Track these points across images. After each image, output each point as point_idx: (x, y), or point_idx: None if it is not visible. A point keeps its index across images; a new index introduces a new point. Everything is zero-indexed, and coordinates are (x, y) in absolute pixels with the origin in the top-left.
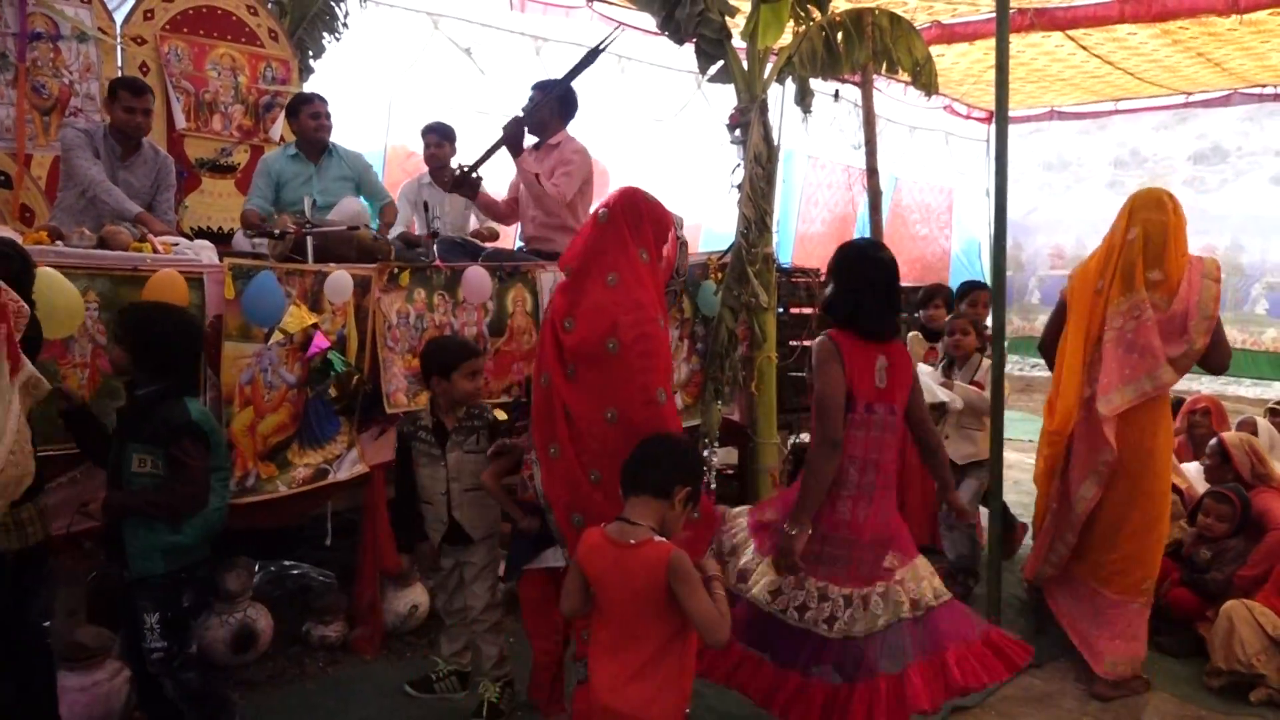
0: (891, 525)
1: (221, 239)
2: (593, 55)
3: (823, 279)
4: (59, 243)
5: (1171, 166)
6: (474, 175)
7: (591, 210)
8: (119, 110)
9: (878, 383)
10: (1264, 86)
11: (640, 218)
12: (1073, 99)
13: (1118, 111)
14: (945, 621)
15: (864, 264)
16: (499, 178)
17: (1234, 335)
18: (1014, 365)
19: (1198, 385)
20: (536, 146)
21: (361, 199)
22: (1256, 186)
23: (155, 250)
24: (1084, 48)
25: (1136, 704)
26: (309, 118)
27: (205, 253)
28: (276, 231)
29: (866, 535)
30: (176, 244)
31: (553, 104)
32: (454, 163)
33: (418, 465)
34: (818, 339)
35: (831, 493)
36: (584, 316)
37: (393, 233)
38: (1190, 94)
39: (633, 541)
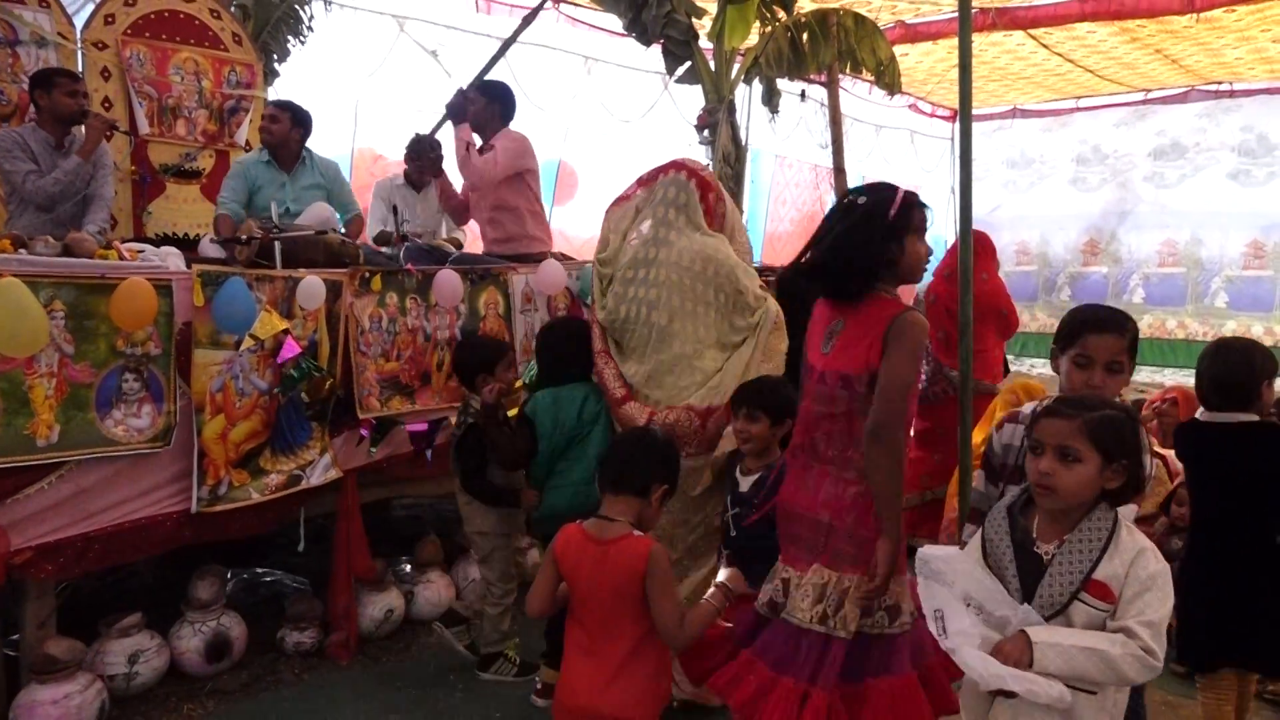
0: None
1: (187, 245)
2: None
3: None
4: (22, 251)
5: (1132, 162)
6: (434, 151)
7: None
8: (62, 97)
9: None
10: (1220, 83)
11: (988, 244)
12: (1035, 97)
13: (1079, 109)
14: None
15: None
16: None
17: (1195, 328)
18: None
19: (1160, 377)
20: (479, 149)
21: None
22: (1214, 181)
23: (121, 257)
24: (1045, 46)
25: None
26: (263, 119)
27: (172, 259)
28: (243, 237)
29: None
30: (142, 250)
31: (491, 106)
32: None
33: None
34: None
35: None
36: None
37: (368, 230)
38: (1149, 91)
39: (612, 537)
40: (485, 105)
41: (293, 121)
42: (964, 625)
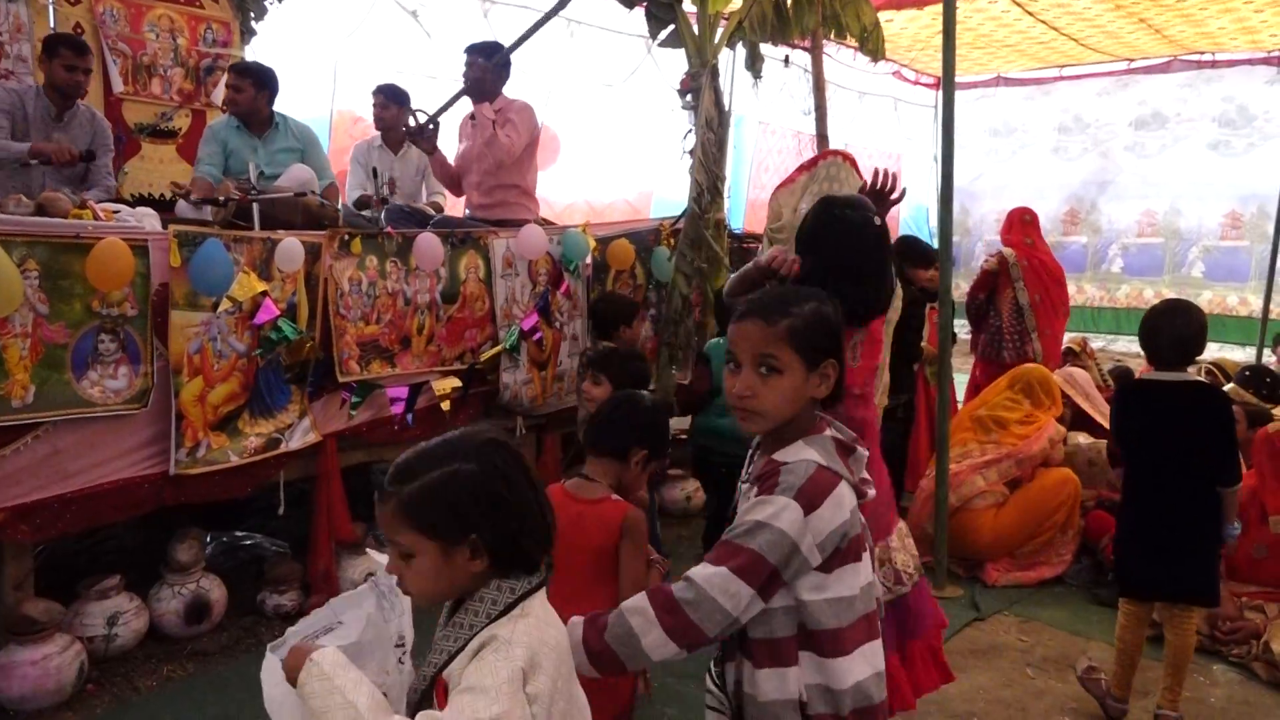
0: None
1: (163, 205)
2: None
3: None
4: None
5: (1113, 132)
6: (431, 125)
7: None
8: (58, 68)
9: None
10: (1202, 54)
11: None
12: (1019, 65)
13: (1062, 78)
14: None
15: (847, 233)
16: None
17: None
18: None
19: (1137, 346)
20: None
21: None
22: (1194, 152)
23: (97, 217)
24: (1030, 13)
25: (1075, 653)
26: (226, 88)
27: (148, 220)
28: (221, 198)
29: None
30: (118, 211)
31: (501, 71)
32: (414, 115)
33: None
34: None
35: None
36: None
37: (347, 194)
38: (1132, 60)
39: (591, 498)
40: (496, 71)
41: (255, 87)
42: (327, 641)
